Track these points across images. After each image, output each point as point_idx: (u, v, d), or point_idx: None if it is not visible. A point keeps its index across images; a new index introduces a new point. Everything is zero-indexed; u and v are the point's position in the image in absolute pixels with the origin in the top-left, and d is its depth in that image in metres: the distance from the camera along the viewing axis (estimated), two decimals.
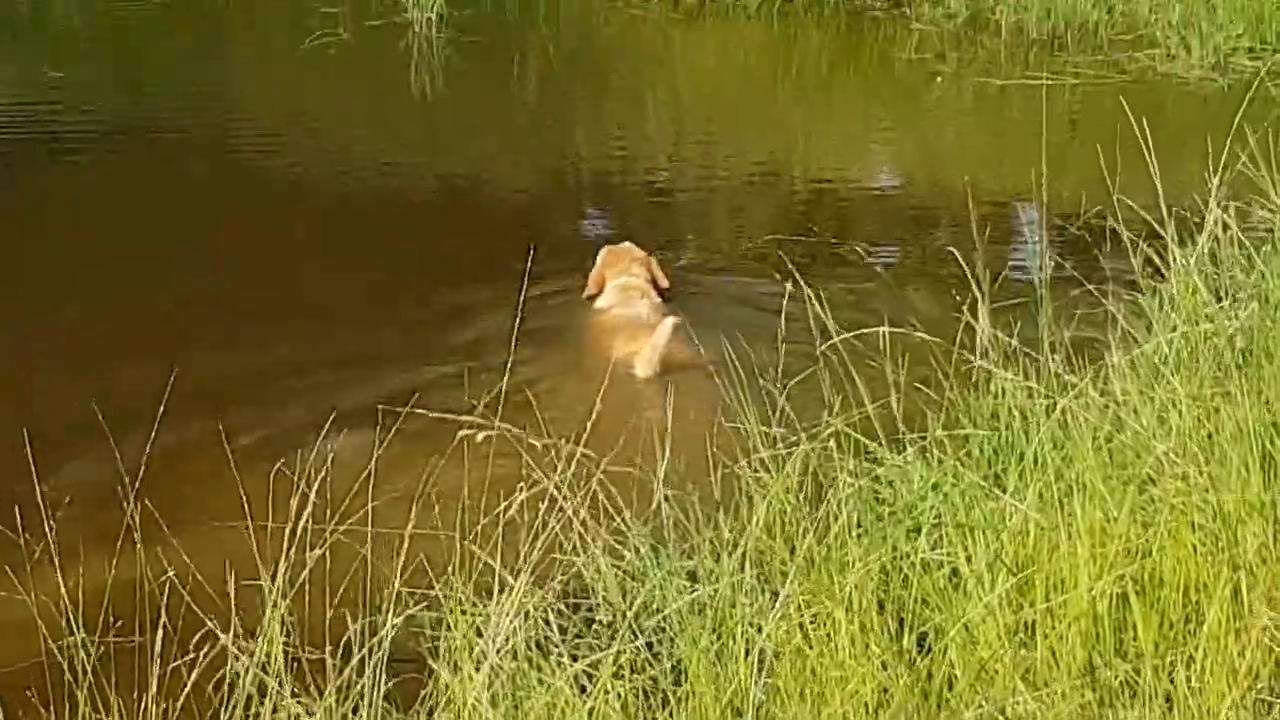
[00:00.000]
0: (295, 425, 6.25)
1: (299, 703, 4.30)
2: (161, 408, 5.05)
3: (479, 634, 4.56)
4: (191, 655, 4.27)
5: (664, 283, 8.54)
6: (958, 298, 5.98)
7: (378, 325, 8.04)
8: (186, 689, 4.21)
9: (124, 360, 7.30)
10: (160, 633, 4.23)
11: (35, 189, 10.26)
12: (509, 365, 5.53)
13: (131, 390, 6.16)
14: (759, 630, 4.53)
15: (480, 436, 4.93)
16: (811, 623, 4.61)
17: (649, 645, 4.72)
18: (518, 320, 5.62)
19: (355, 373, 7.22)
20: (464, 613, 4.63)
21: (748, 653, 4.48)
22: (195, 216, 9.73)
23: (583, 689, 4.44)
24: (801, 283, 6.13)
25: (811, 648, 4.53)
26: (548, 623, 4.72)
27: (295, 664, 4.40)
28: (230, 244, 9.18)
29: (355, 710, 4.34)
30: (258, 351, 7.55)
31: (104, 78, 13.52)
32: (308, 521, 4.40)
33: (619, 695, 4.44)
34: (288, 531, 4.39)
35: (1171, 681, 4.43)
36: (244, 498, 4.93)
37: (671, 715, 4.49)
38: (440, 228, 9.65)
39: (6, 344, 7.70)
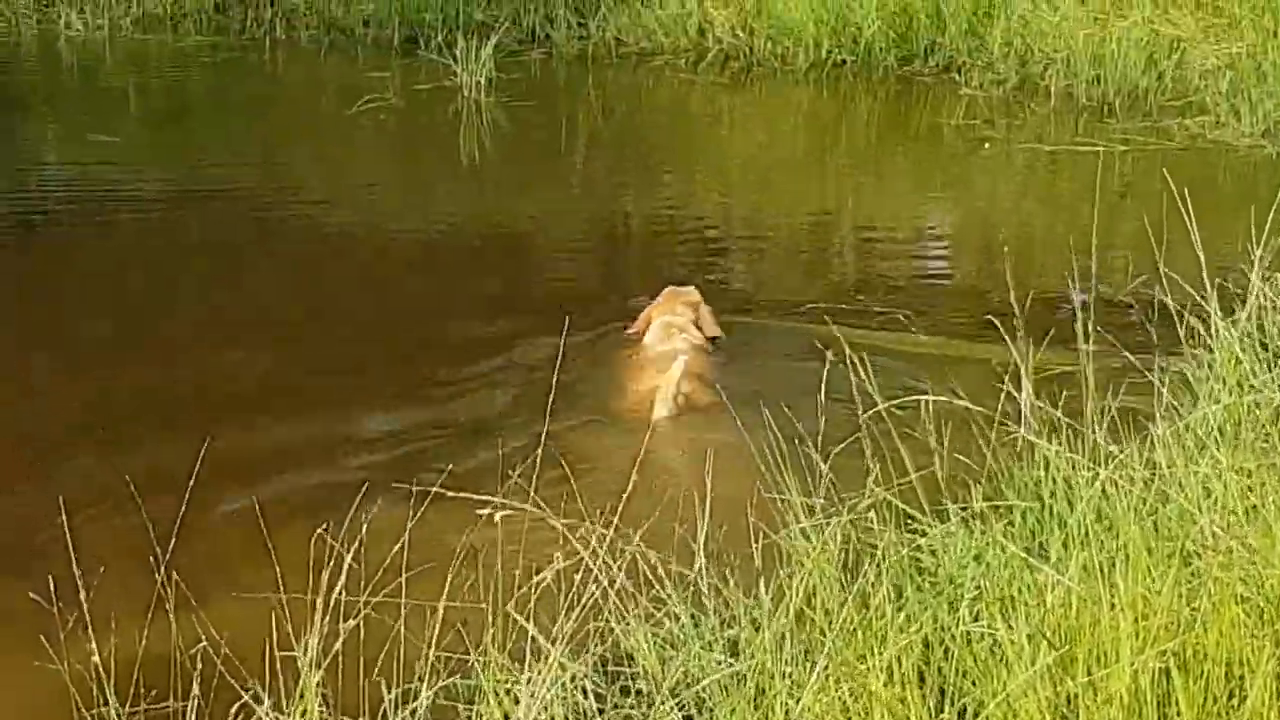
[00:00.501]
0: (329, 494, 6.23)
1: None
2: (193, 477, 5.05)
3: (515, 703, 4.54)
4: None
5: (712, 331, 8.62)
6: (998, 367, 5.94)
7: (417, 388, 8.06)
8: None
9: (158, 427, 7.32)
10: (193, 703, 4.21)
11: (81, 251, 10.32)
12: (544, 432, 5.51)
13: (164, 458, 6.17)
14: (798, 702, 4.49)
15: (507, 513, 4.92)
16: (851, 695, 4.57)
17: (687, 716, 4.69)
18: (554, 382, 5.60)
19: (391, 439, 7.23)
20: (500, 682, 4.61)
21: None
22: (238, 279, 9.80)
23: None
24: (845, 347, 6.12)
25: None
26: (585, 692, 4.69)
27: None
28: (272, 308, 9.22)
29: None
30: (294, 418, 7.56)
31: (152, 141, 13.56)
32: (341, 591, 4.39)
33: None
34: (321, 601, 4.37)
35: None
36: (277, 567, 4.91)
37: None
38: (484, 288, 9.70)
39: (40, 409, 7.73)
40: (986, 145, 12.98)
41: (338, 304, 9.36)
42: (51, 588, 4.67)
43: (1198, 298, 6.44)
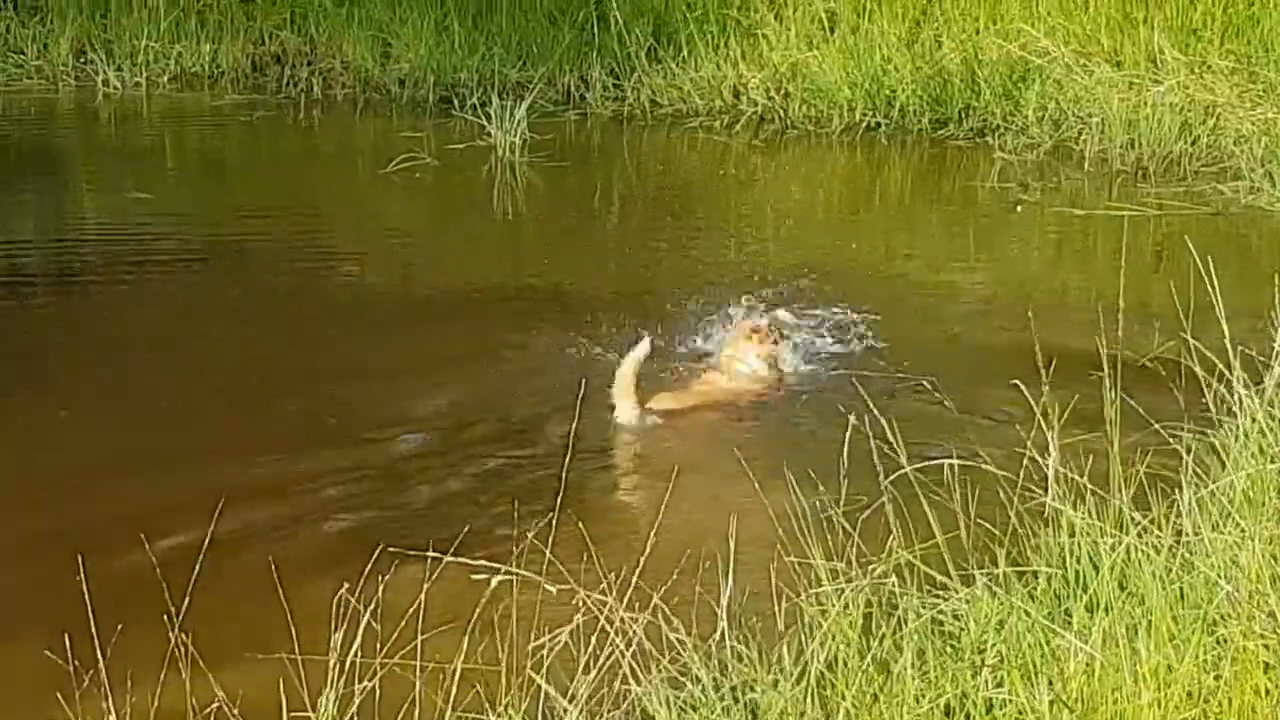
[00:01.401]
0: (345, 553, 6.24)
1: None
2: (208, 537, 5.05)
3: None
4: None
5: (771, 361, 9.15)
6: (1021, 431, 5.93)
7: (442, 445, 8.10)
8: None
9: (173, 487, 7.34)
10: None
11: (117, 304, 10.42)
12: (561, 489, 5.51)
13: (181, 514, 6.18)
14: None
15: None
16: None
17: None
18: (571, 440, 5.61)
19: (407, 500, 7.24)
20: None
21: None
22: (271, 333, 9.92)
23: None
24: (873, 408, 6.11)
25: None
26: None
27: None
28: (303, 363, 9.28)
29: None
30: (313, 475, 7.59)
31: (189, 198, 13.66)
32: (357, 652, 4.38)
33: None
34: (337, 662, 4.37)
35: None
36: (293, 627, 4.91)
37: None
38: (515, 345, 9.78)
39: (62, 461, 7.77)
40: (1018, 209, 12.98)
41: (368, 361, 9.42)
42: (67, 646, 4.67)
43: (1221, 365, 6.41)
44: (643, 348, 8.27)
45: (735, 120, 15.12)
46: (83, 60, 16.29)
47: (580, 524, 5.93)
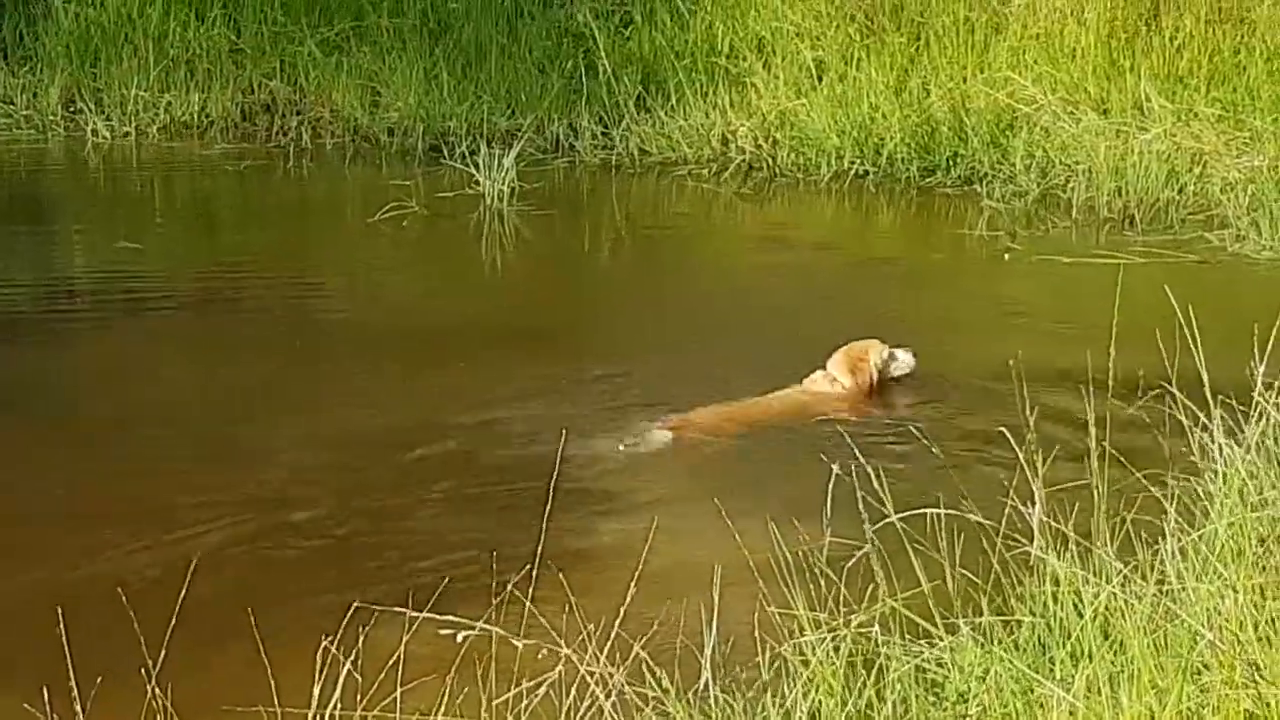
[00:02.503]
0: (324, 604, 6.23)
1: None
2: (185, 588, 5.04)
3: None
4: None
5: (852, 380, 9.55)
6: (1005, 481, 5.94)
7: (420, 491, 8.11)
8: None
9: (150, 536, 7.34)
10: None
11: (106, 353, 10.43)
12: (541, 538, 5.50)
13: (156, 568, 6.17)
14: None
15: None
16: None
17: None
18: (552, 488, 5.60)
19: (388, 549, 7.23)
20: None
21: None
22: (258, 382, 9.93)
23: None
24: (858, 454, 6.12)
25: None
26: None
27: None
28: (285, 413, 9.31)
29: None
30: (289, 529, 7.58)
31: (179, 247, 13.69)
32: (337, 704, 4.37)
33: None
34: (315, 715, 4.36)
35: None
36: (271, 680, 4.89)
37: None
38: (500, 391, 9.82)
39: (40, 516, 7.77)
40: (1007, 257, 13.00)
41: (352, 410, 9.45)
42: (46, 700, 4.66)
43: (1203, 414, 6.42)
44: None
45: (724, 168, 15.14)
46: (72, 110, 16.29)
47: (561, 573, 5.92)
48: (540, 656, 4.82)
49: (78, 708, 4.53)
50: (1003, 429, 6.33)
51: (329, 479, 8.33)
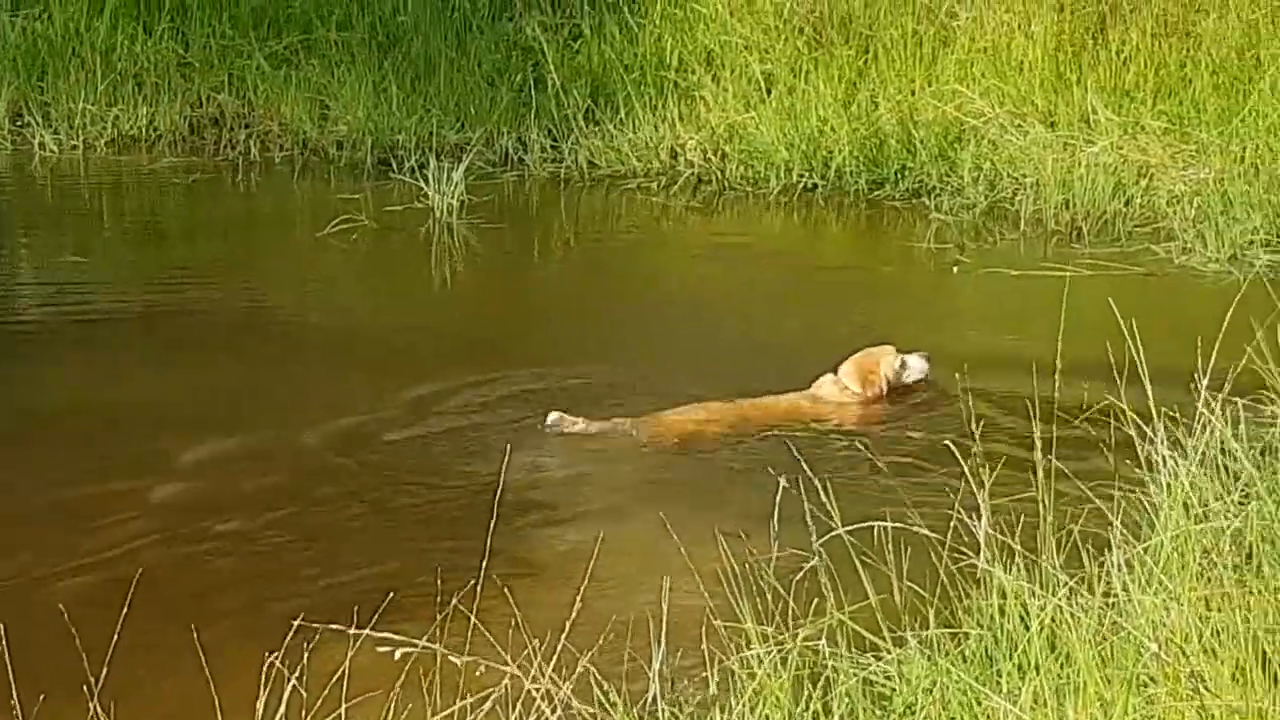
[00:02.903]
0: (267, 620, 6.20)
1: None
2: (127, 604, 5.02)
3: None
4: None
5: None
6: (952, 494, 5.95)
7: (363, 512, 8.11)
8: None
9: (92, 552, 7.30)
10: None
11: (54, 367, 10.39)
12: (487, 551, 5.49)
13: (98, 585, 6.13)
14: None
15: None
16: None
17: None
18: (497, 501, 5.60)
19: (332, 563, 7.21)
20: None
21: None
22: (206, 396, 9.93)
23: None
24: (808, 471, 6.13)
25: None
26: None
27: None
28: (229, 426, 9.29)
29: None
30: (232, 544, 7.56)
31: (126, 261, 13.63)
32: None
33: None
34: None
35: None
36: (215, 698, 4.88)
37: None
38: (450, 404, 9.82)
39: None
40: (955, 269, 13.03)
41: (297, 422, 9.45)
42: None
43: (1147, 426, 6.45)
44: None
45: (673, 181, 15.14)
46: (19, 124, 16.20)
47: (506, 587, 5.92)
48: (485, 671, 4.81)
49: None
50: (949, 442, 6.35)
51: (273, 491, 8.31)
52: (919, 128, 14.92)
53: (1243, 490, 6.53)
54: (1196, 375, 6.66)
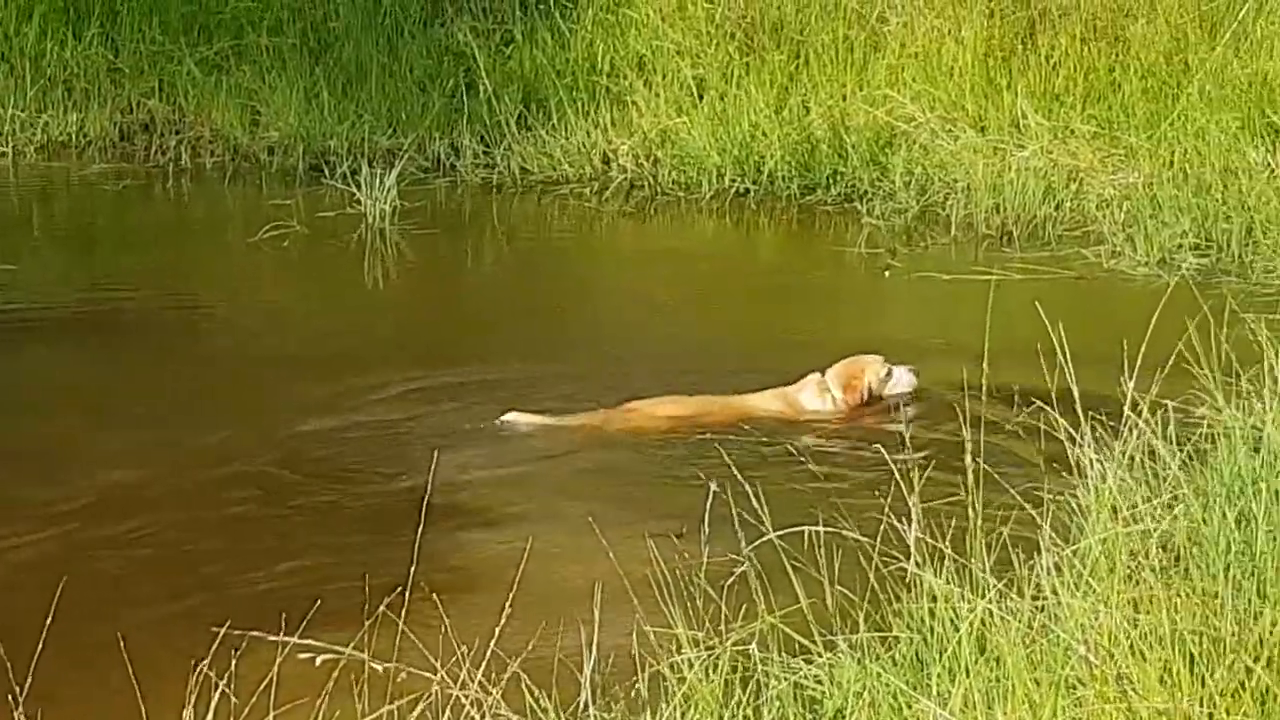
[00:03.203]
0: (196, 626, 6.16)
1: None
2: (51, 612, 4.99)
3: None
4: None
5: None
6: (882, 498, 5.97)
7: (288, 519, 8.09)
8: None
9: (16, 560, 7.26)
10: None
11: None
12: (414, 562, 5.48)
13: (22, 592, 6.09)
14: None
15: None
16: None
17: None
18: (424, 508, 5.59)
19: (259, 571, 7.19)
20: None
21: None
22: (134, 404, 9.88)
23: None
24: (738, 476, 6.14)
25: None
26: None
27: None
28: (158, 434, 9.26)
29: None
30: (158, 551, 7.53)
31: (55, 268, 13.56)
32: None
33: None
34: None
35: None
36: (142, 707, 4.85)
37: None
38: (382, 412, 9.82)
39: None
40: (887, 274, 13.07)
41: (226, 430, 9.43)
42: None
43: (1074, 431, 6.48)
44: None
45: (605, 187, 15.13)
46: None
47: (435, 592, 5.91)
48: (415, 678, 4.80)
49: None
50: (879, 445, 6.37)
51: (202, 495, 8.30)
52: (850, 133, 14.96)
53: (1170, 493, 6.56)
54: (1123, 379, 6.69)
